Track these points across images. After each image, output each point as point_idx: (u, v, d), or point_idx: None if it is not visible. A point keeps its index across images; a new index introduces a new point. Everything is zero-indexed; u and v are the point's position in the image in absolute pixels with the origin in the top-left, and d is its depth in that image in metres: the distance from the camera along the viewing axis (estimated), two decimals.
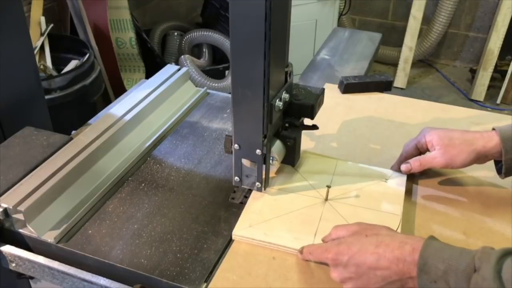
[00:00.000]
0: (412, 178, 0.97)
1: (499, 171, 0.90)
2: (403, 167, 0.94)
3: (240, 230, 0.84)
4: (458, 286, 0.60)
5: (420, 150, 0.94)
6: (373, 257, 0.67)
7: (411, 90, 3.38)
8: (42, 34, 2.12)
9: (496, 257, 0.59)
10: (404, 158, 0.95)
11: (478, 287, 0.58)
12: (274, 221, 0.85)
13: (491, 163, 0.91)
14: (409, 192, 0.94)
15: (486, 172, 0.96)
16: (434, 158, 0.90)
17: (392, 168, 0.97)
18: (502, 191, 0.94)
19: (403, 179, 0.95)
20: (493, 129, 0.88)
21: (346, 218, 0.85)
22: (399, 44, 3.36)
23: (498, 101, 3.20)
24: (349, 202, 0.89)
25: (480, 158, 0.88)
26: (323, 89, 0.94)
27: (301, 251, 0.78)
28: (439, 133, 0.91)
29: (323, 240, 0.79)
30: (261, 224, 0.85)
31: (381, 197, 0.90)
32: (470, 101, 3.25)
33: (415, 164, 0.93)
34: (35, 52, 2.03)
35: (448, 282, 0.61)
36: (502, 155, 0.85)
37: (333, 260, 0.71)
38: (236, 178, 0.90)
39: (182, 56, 2.63)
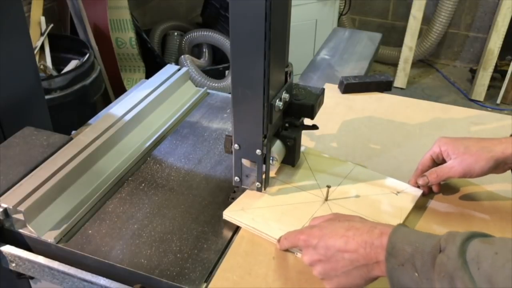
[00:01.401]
0: (428, 195, 0.92)
1: None
2: (420, 180, 0.89)
3: (231, 211, 0.85)
4: (424, 268, 0.59)
5: (436, 161, 0.91)
6: (342, 239, 0.68)
7: (411, 90, 3.38)
8: (42, 34, 2.12)
9: (462, 238, 0.58)
10: (420, 171, 0.91)
11: (443, 266, 0.57)
12: (266, 210, 0.86)
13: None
14: (419, 201, 0.90)
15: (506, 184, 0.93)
16: (451, 167, 0.86)
17: (409, 183, 0.93)
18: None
19: (416, 195, 0.90)
20: (511, 135, 0.85)
21: None
22: (399, 44, 3.36)
23: (498, 101, 3.20)
24: (348, 206, 0.88)
25: (499, 166, 0.84)
26: (323, 89, 0.93)
27: (279, 240, 0.79)
28: (454, 141, 0.88)
29: None
30: (253, 209, 0.86)
31: (384, 208, 0.88)
32: (470, 101, 3.25)
33: (432, 176, 0.88)
34: (35, 52, 2.03)
35: (415, 264, 0.60)
36: None
37: (305, 241, 0.73)
38: (236, 178, 0.90)
39: (182, 56, 2.63)
